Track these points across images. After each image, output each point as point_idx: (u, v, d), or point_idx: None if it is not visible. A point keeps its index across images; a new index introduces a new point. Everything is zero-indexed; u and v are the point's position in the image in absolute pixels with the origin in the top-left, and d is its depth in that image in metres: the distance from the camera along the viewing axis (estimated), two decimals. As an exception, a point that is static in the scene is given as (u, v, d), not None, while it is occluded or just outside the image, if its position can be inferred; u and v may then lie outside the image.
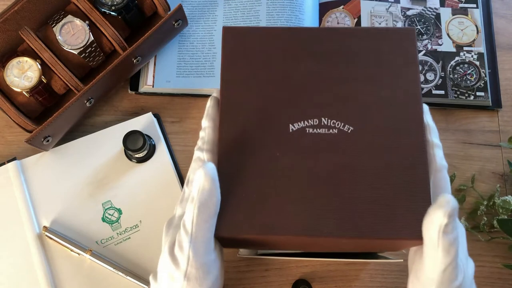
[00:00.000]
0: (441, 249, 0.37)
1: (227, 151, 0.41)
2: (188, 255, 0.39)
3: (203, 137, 0.44)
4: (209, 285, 0.40)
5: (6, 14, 0.61)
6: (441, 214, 0.36)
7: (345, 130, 0.42)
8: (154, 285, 0.43)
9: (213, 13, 0.73)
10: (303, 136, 0.42)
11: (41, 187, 0.63)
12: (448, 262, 0.38)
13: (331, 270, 0.62)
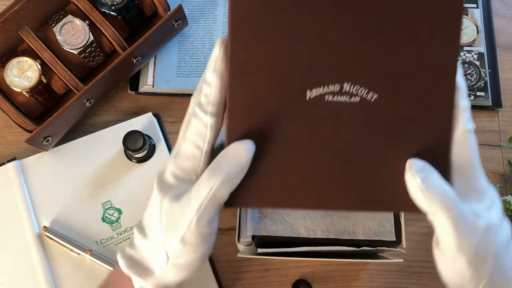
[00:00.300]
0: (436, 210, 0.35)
1: (236, 118, 0.38)
2: (190, 222, 0.37)
3: (207, 95, 0.38)
4: (203, 252, 0.39)
5: (6, 14, 0.61)
6: (409, 177, 0.36)
7: (368, 99, 0.37)
8: (140, 239, 0.41)
9: (213, 13, 0.73)
10: (320, 106, 0.37)
11: (41, 187, 0.63)
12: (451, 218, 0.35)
13: (331, 270, 0.62)
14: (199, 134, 0.39)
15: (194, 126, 0.39)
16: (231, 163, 0.37)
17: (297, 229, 0.53)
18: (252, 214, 0.53)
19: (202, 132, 0.39)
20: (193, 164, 0.39)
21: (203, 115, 0.39)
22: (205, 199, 0.37)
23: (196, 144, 0.39)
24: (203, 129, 0.39)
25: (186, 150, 0.39)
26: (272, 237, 0.53)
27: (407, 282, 0.62)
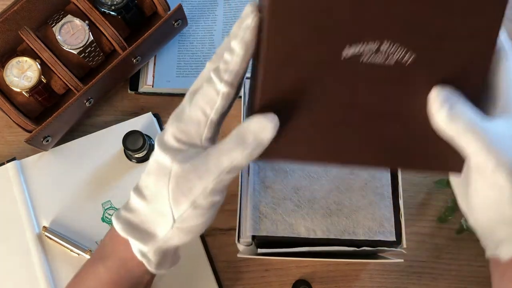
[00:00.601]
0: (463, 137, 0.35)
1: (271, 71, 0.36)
2: (205, 188, 0.37)
3: (228, 62, 0.37)
4: (209, 218, 0.40)
5: (5, 14, 0.61)
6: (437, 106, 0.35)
7: (403, 63, 0.36)
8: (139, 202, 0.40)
9: (213, 13, 0.73)
10: (355, 66, 0.37)
11: (41, 187, 0.63)
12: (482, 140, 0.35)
13: (331, 270, 0.62)
14: (208, 101, 0.38)
15: (206, 91, 0.38)
16: (256, 138, 0.36)
17: (297, 229, 0.53)
18: (252, 214, 0.53)
19: (212, 99, 0.38)
20: (197, 129, 0.38)
21: (217, 82, 0.37)
22: (225, 169, 0.37)
23: (203, 110, 0.38)
24: (214, 96, 0.38)
25: (191, 114, 0.38)
26: (272, 237, 0.53)
27: (407, 282, 0.62)
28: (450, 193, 0.65)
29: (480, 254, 0.64)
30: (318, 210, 0.54)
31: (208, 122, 0.38)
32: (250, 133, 0.36)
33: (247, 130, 0.37)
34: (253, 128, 0.36)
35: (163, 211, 0.39)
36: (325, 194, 0.54)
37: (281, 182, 0.55)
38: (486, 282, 0.63)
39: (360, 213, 0.54)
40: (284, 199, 0.54)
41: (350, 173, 0.55)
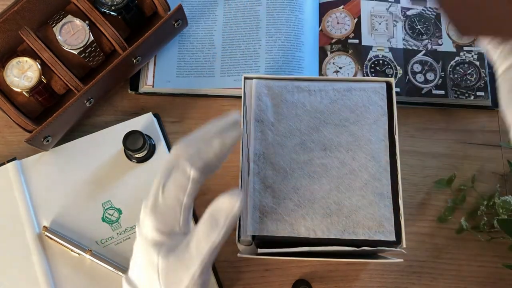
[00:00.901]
0: None
1: None
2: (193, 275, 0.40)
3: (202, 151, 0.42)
4: None
5: (6, 14, 0.61)
6: None
7: None
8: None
9: (213, 13, 0.73)
10: None
11: (41, 187, 0.63)
12: None
13: (331, 270, 0.62)
14: (180, 187, 0.41)
15: (176, 178, 0.41)
16: (227, 217, 0.40)
17: (297, 229, 0.53)
18: (252, 214, 0.53)
19: (183, 185, 0.41)
20: (174, 217, 0.41)
21: (188, 167, 0.41)
22: (206, 254, 0.40)
23: (177, 197, 0.41)
24: (185, 182, 0.41)
25: (166, 203, 0.41)
26: (272, 237, 0.53)
27: (407, 282, 0.63)
28: (449, 193, 0.65)
29: (480, 254, 0.64)
30: (318, 210, 0.54)
31: (183, 207, 0.41)
32: (221, 214, 0.40)
33: (217, 211, 0.40)
34: (223, 209, 0.40)
35: None
36: (325, 194, 0.54)
37: (281, 182, 0.55)
38: (486, 282, 0.63)
39: (360, 213, 0.54)
40: (284, 199, 0.54)
41: (350, 173, 0.55)
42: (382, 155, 0.56)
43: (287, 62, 0.69)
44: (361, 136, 0.57)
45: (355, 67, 0.70)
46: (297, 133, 0.57)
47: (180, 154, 0.42)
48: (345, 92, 0.58)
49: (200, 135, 0.44)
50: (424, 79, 0.70)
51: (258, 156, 0.56)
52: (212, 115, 0.69)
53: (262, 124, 0.57)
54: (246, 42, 0.71)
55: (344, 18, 0.73)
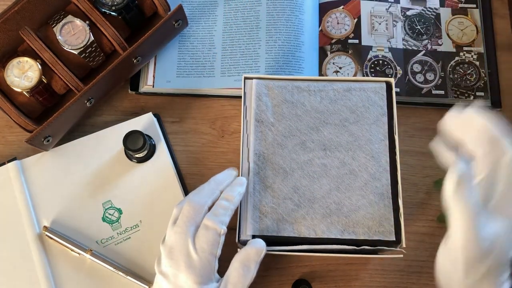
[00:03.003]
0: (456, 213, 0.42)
1: None
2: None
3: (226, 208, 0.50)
4: None
5: (6, 14, 0.61)
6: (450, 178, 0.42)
7: None
8: None
9: (213, 13, 0.73)
10: None
11: (41, 187, 0.63)
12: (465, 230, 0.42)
13: (331, 270, 0.63)
14: (213, 243, 0.48)
15: (209, 237, 0.48)
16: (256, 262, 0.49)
17: (297, 229, 0.53)
18: (252, 214, 0.54)
19: (216, 241, 0.49)
20: (210, 269, 0.48)
21: (218, 225, 0.49)
22: None
23: (211, 252, 0.48)
24: (217, 238, 0.49)
25: (202, 260, 0.48)
26: (272, 236, 0.53)
27: (406, 281, 0.63)
28: (449, 193, 0.65)
29: (479, 254, 0.64)
30: (318, 210, 0.54)
31: (216, 259, 0.49)
32: (251, 261, 0.49)
33: (247, 259, 0.49)
34: (252, 256, 0.49)
35: None
36: (325, 193, 0.55)
37: (281, 182, 0.55)
38: (485, 282, 0.63)
39: (359, 212, 0.54)
40: (284, 198, 0.54)
41: (350, 173, 0.55)
42: (382, 155, 0.56)
43: (287, 62, 0.69)
44: (361, 136, 0.57)
45: (355, 67, 0.70)
46: (297, 133, 0.57)
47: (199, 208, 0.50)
48: (345, 92, 0.58)
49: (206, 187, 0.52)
50: (424, 79, 0.70)
51: (258, 156, 0.56)
52: (212, 115, 0.69)
53: (262, 124, 0.57)
54: (246, 42, 0.71)
55: (344, 18, 0.73)
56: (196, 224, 0.50)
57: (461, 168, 0.43)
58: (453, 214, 0.43)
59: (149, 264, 0.61)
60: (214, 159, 0.67)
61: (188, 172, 0.66)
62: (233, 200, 0.51)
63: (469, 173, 0.43)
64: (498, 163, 0.46)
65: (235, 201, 0.51)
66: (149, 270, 0.60)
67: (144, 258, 0.61)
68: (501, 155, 0.46)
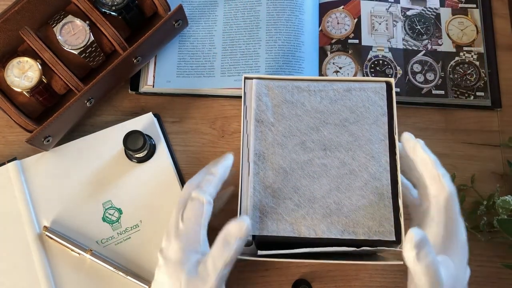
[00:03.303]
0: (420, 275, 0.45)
1: None
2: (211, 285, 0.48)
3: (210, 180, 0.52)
4: None
5: (6, 14, 0.61)
6: (410, 247, 0.45)
7: None
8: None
9: (213, 13, 0.73)
10: None
11: (41, 187, 0.63)
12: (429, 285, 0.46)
13: (331, 270, 0.63)
14: (196, 212, 0.50)
15: (193, 206, 0.50)
16: (236, 238, 0.48)
17: (297, 229, 0.53)
18: (252, 214, 0.54)
19: (199, 210, 0.50)
20: (195, 237, 0.49)
21: (201, 195, 0.50)
22: (220, 270, 0.47)
23: (196, 221, 0.50)
24: (200, 207, 0.50)
25: (188, 228, 0.49)
26: (272, 237, 0.53)
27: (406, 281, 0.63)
28: (449, 193, 0.66)
29: (479, 254, 0.64)
30: (318, 210, 0.54)
31: (201, 228, 0.50)
32: (232, 236, 0.48)
33: (228, 234, 0.48)
34: (233, 231, 0.48)
35: None
36: (325, 193, 0.54)
37: (281, 182, 0.55)
38: (485, 282, 0.63)
39: (359, 212, 0.54)
40: (284, 198, 0.54)
41: (350, 173, 0.55)
42: (382, 155, 0.56)
43: (287, 62, 0.69)
44: (361, 136, 0.57)
45: (355, 67, 0.70)
46: (297, 133, 0.57)
47: (190, 188, 0.52)
48: (345, 92, 0.58)
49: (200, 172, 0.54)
50: (424, 79, 0.70)
51: (258, 156, 0.56)
52: (212, 115, 0.69)
53: (262, 124, 0.57)
54: (246, 42, 0.71)
55: (344, 18, 0.73)
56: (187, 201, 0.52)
57: (416, 234, 0.45)
58: (417, 276, 0.46)
59: (149, 264, 0.61)
60: (214, 159, 0.67)
61: (188, 172, 0.66)
62: (216, 172, 0.52)
63: (424, 236, 0.45)
64: (438, 202, 0.50)
65: (219, 172, 0.53)
66: (149, 270, 0.60)
67: (144, 258, 0.61)
68: (442, 193, 0.50)
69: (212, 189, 0.51)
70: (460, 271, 0.49)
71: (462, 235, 0.50)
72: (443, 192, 0.50)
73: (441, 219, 0.50)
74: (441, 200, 0.50)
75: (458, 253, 0.50)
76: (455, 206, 0.50)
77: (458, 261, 0.49)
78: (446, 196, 0.50)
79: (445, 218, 0.50)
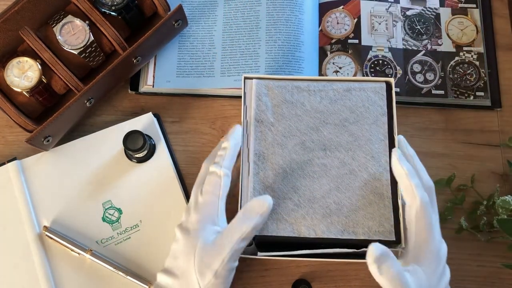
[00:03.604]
0: None
1: None
2: (223, 259, 0.48)
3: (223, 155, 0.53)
4: (228, 281, 0.50)
5: (6, 14, 0.61)
6: (370, 261, 0.46)
7: None
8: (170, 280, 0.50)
9: (213, 13, 0.73)
10: None
11: (41, 187, 0.63)
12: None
13: (331, 270, 0.63)
14: (215, 185, 0.51)
15: (210, 180, 0.52)
16: (257, 215, 0.49)
17: (297, 229, 0.53)
18: (252, 214, 0.54)
19: (217, 182, 0.51)
20: (212, 209, 0.51)
21: (217, 169, 0.52)
22: (236, 242, 0.48)
23: (213, 192, 0.51)
24: (218, 180, 0.51)
25: (206, 200, 0.51)
26: (272, 236, 0.53)
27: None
28: (449, 193, 0.66)
29: (479, 254, 0.64)
30: (318, 210, 0.54)
31: (220, 199, 0.51)
32: (253, 211, 0.49)
33: (250, 208, 0.49)
34: (254, 207, 0.49)
35: (190, 283, 0.49)
36: (325, 193, 0.55)
37: (281, 181, 0.55)
38: (485, 282, 0.63)
39: (359, 212, 0.54)
40: (284, 198, 0.54)
41: (349, 173, 0.55)
42: (382, 155, 0.56)
43: (287, 62, 0.69)
44: (361, 136, 0.57)
45: (355, 67, 0.70)
46: (297, 133, 0.57)
47: (207, 165, 0.54)
48: (344, 92, 0.58)
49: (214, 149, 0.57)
50: (423, 79, 0.70)
51: (258, 156, 0.56)
52: (212, 115, 0.69)
53: (262, 124, 0.57)
54: (246, 42, 0.71)
55: (344, 18, 0.73)
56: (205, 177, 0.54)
57: (376, 249, 0.46)
58: None
59: (149, 264, 0.61)
60: (214, 159, 0.67)
61: (188, 172, 0.66)
62: (228, 145, 0.53)
63: (384, 250, 0.47)
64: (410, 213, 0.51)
65: (231, 145, 0.54)
66: (149, 270, 0.60)
67: (144, 258, 0.61)
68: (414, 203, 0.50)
69: (227, 162, 0.53)
70: (432, 280, 0.49)
71: (434, 244, 0.50)
72: (415, 202, 0.50)
73: (412, 229, 0.51)
74: (413, 210, 0.51)
75: (430, 262, 0.50)
76: (427, 216, 0.50)
77: (430, 270, 0.49)
78: (417, 206, 0.50)
79: (416, 228, 0.50)
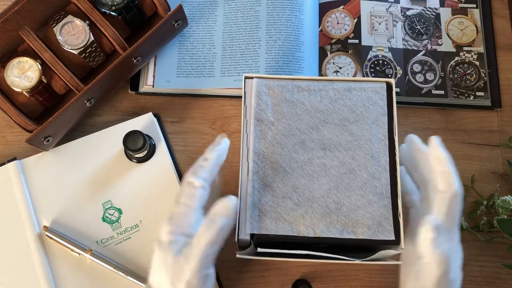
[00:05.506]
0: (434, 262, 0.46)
1: None
2: (193, 268, 0.46)
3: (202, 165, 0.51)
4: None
5: (6, 14, 0.61)
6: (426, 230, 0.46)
7: None
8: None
9: (213, 13, 0.73)
10: None
11: (41, 187, 0.63)
12: (440, 274, 0.46)
13: (331, 270, 0.63)
14: (189, 196, 0.49)
15: (185, 191, 0.50)
16: (221, 216, 0.48)
17: (296, 228, 0.53)
18: (251, 213, 0.54)
19: (191, 193, 0.49)
20: (185, 219, 0.49)
21: (194, 179, 0.50)
22: (205, 248, 0.47)
23: (186, 203, 0.49)
24: (192, 190, 0.49)
25: (179, 210, 0.49)
26: (271, 236, 0.53)
27: (407, 281, 0.62)
28: (449, 193, 0.65)
29: (479, 254, 0.64)
30: (317, 209, 0.54)
31: (193, 211, 0.49)
32: (216, 214, 0.48)
33: (214, 212, 0.48)
34: (218, 210, 0.48)
35: None
36: (324, 193, 0.54)
37: (280, 181, 0.55)
38: (485, 282, 0.63)
39: (359, 212, 0.54)
40: (284, 198, 0.54)
41: (349, 173, 0.55)
42: (381, 155, 0.56)
43: (287, 62, 0.69)
44: (361, 136, 0.57)
45: (355, 67, 0.70)
46: (297, 132, 0.57)
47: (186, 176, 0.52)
48: (345, 92, 0.58)
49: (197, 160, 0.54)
50: (423, 79, 0.70)
51: (257, 155, 0.56)
52: (212, 115, 0.69)
53: (262, 123, 0.57)
54: (246, 42, 0.71)
55: (344, 18, 0.73)
56: None
57: (433, 220, 0.47)
58: (431, 262, 0.46)
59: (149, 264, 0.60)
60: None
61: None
62: (209, 156, 0.52)
63: (442, 224, 0.47)
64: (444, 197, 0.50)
65: (212, 156, 0.52)
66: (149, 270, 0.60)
67: (144, 258, 0.61)
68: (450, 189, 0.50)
69: (205, 173, 0.51)
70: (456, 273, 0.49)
71: (457, 236, 0.50)
72: (451, 189, 0.49)
73: (443, 211, 0.49)
74: (447, 196, 0.49)
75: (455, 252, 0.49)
76: (458, 206, 0.50)
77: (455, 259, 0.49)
78: (453, 193, 0.49)
79: (447, 213, 0.49)
